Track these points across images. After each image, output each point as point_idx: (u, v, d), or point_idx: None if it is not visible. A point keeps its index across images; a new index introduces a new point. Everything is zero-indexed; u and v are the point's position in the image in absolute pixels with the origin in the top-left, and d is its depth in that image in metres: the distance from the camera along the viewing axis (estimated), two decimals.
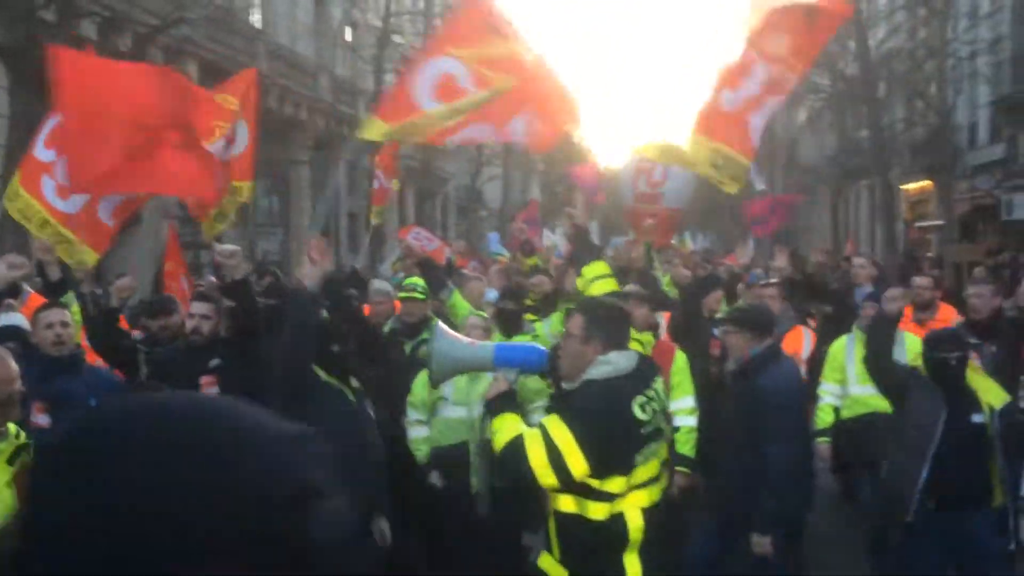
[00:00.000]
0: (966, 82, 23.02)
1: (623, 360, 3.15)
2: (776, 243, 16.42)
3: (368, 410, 4.61)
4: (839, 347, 6.07)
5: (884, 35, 26.84)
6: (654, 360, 3.55)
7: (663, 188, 11.98)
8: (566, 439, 2.96)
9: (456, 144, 6.12)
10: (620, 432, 3.04)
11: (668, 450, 3.44)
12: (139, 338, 5.79)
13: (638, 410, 3.08)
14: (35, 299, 5.32)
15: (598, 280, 3.70)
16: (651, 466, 3.14)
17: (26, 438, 2.96)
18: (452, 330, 3.54)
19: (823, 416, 5.99)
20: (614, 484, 3.03)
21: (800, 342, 6.35)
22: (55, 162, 5.78)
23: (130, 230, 14.90)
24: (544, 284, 6.96)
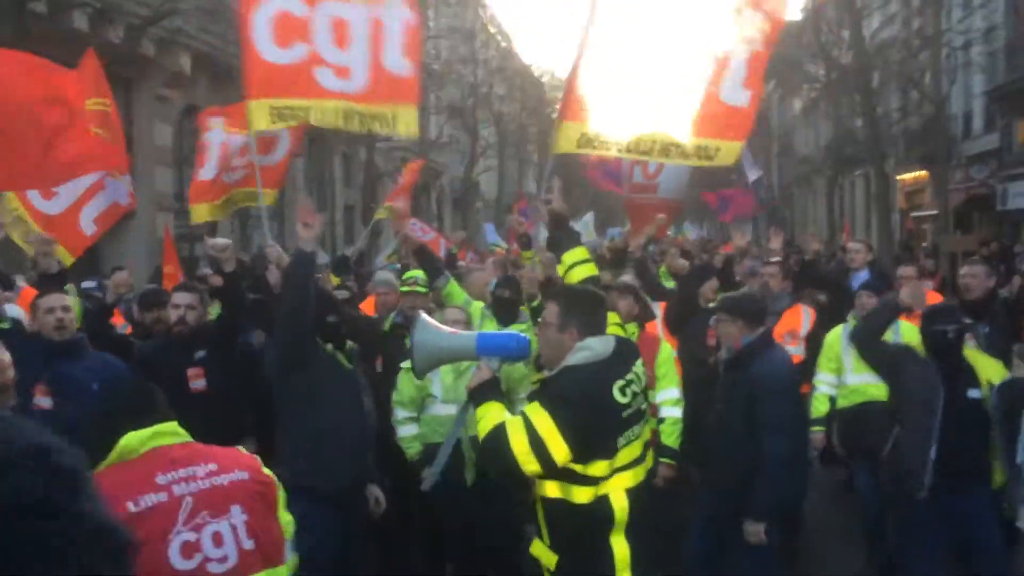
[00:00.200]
0: (960, 71, 23.01)
1: (600, 345, 3.17)
2: (772, 226, 16.46)
3: (362, 379, 4.67)
4: (835, 337, 6.06)
5: (879, 24, 26.82)
6: (634, 344, 3.52)
7: (659, 179, 11.97)
8: (547, 426, 2.98)
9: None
10: (601, 417, 3.07)
11: (653, 437, 3.46)
12: (125, 329, 5.80)
13: (618, 394, 3.11)
14: (29, 292, 5.30)
15: (577, 266, 3.68)
16: (634, 447, 3.16)
17: None
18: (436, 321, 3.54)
19: (818, 406, 5.98)
20: (597, 468, 3.06)
21: (799, 319, 6.36)
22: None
23: (125, 223, 14.86)
24: (536, 275, 6.98)
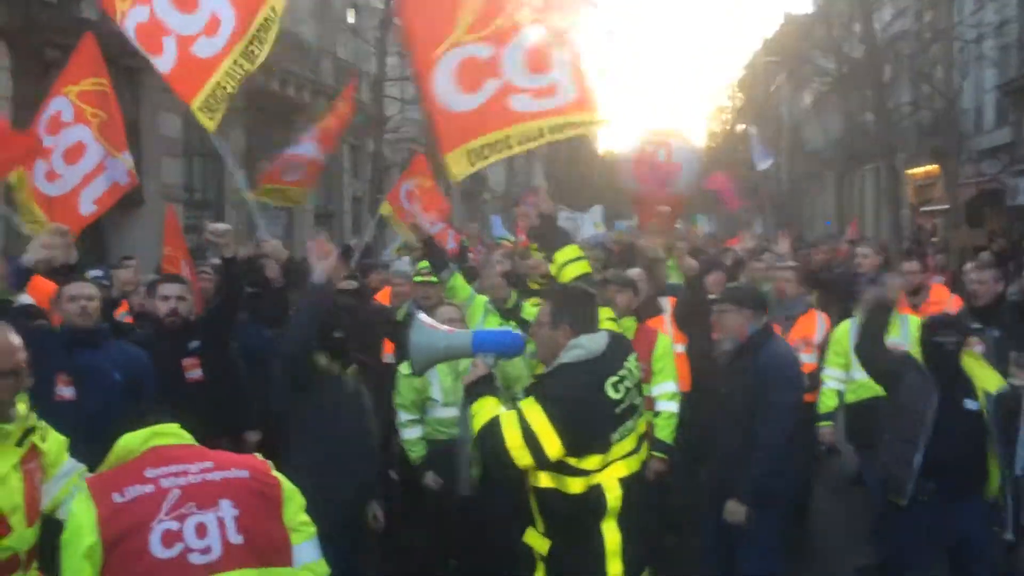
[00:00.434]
0: (972, 65, 22.86)
1: (593, 343, 3.22)
2: (779, 228, 16.40)
3: (364, 396, 4.64)
4: (843, 332, 6.04)
5: (890, 18, 26.67)
6: (627, 339, 3.54)
7: (666, 172, 11.93)
8: (541, 421, 3.04)
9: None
10: (594, 414, 3.12)
11: (648, 429, 3.50)
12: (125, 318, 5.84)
13: (611, 390, 3.16)
14: (39, 281, 5.31)
15: (569, 264, 3.71)
16: (628, 441, 3.21)
17: (36, 419, 2.94)
18: (431, 319, 3.57)
19: (826, 401, 5.97)
20: (591, 462, 3.11)
21: (813, 326, 6.30)
22: (52, 148, 5.79)
23: (133, 212, 14.89)
24: (541, 267, 7.01)
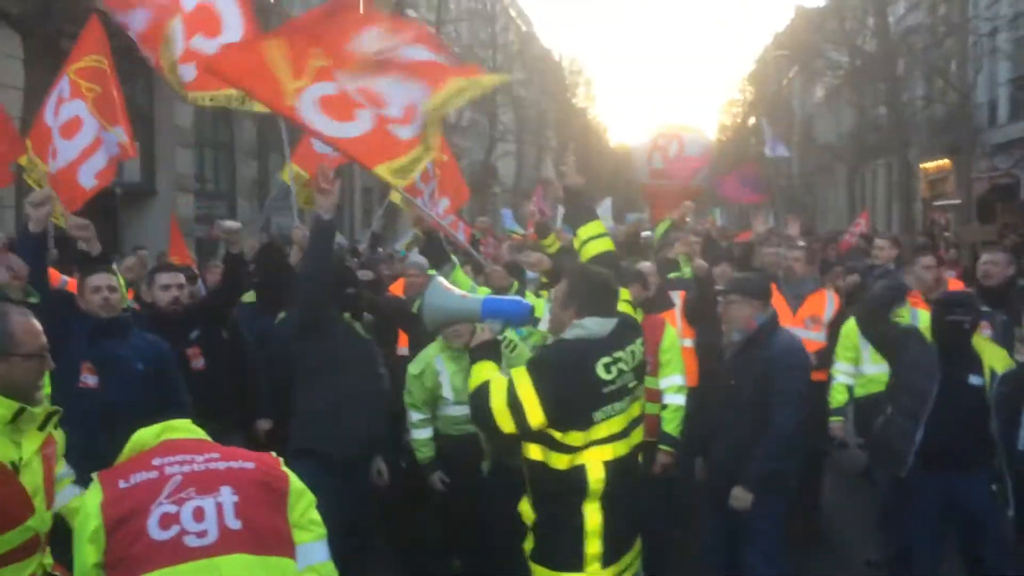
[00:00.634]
0: (986, 59, 22.71)
1: (596, 327, 3.27)
2: (790, 213, 16.35)
3: (375, 349, 4.74)
4: (853, 326, 6.02)
5: (904, 11, 26.51)
6: (638, 325, 3.54)
7: (679, 165, 11.91)
8: (527, 390, 3.13)
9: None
10: (579, 389, 3.17)
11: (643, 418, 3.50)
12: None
13: (601, 370, 3.20)
14: (51, 273, 5.35)
15: (592, 240, 3.72)
16: (614, 423, 3.23)
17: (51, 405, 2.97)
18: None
19: (836, 395, 5.97)
20: (573, 438, 3.17)
21: (823, 304, 6.30)
22: (52, 127, 5.84)
23: (146, 202, 14.97)
24: (543, 262, 7.00)
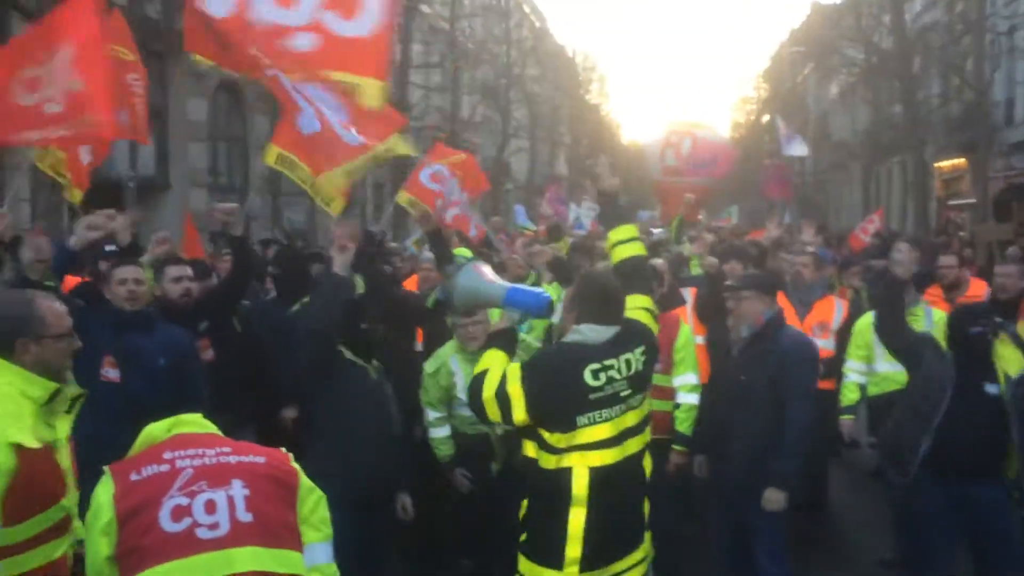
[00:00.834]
0: (1004, 57, 22.53)
1: (592, 334, 3.33)
2: (803, 217, 16.27)
3: (388, 388, 4.66)
4: (865, 324, 6.00)
5: (921, 8, 26.34)
6: (641, 334, 3.48)
7: (691, 163, 11.90)
8: (515, 385, 3.24)
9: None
10: (562, 392, 3.24)
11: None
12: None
13: (589, 376, 3.24)
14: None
15: (621, 244, 3.71)
16: (601, 429, 3.25)
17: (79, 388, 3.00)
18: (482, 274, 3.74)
19: (848, 394, 5.95)
20: (556, 439, 3.24)
21: (831, 311, 6.28)
22: None
23: (159, 196, 15.03)
24: (544, 255, 7.03)
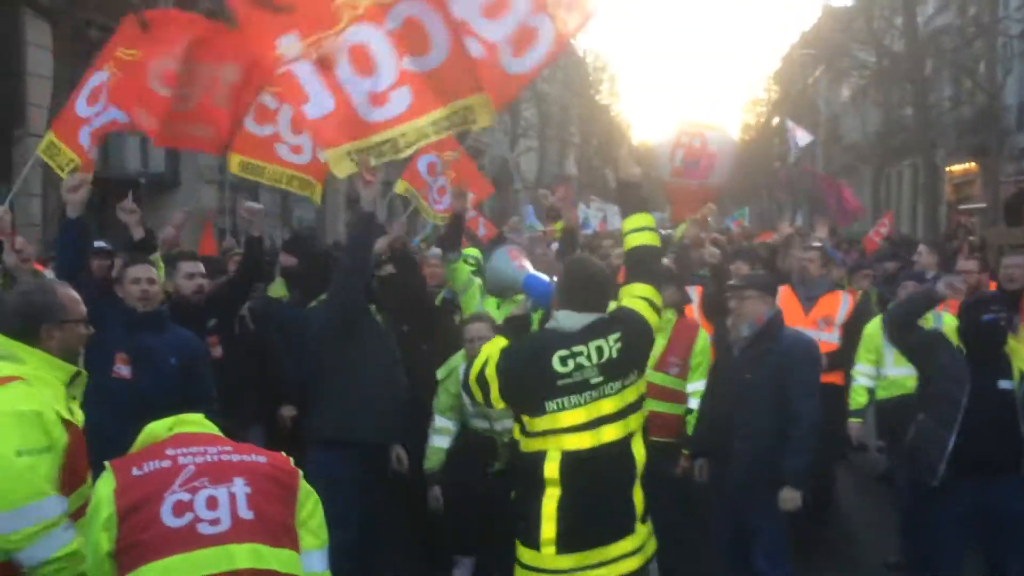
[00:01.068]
0: (1016, 61, 22.43)
1: (567, 321, 3.39)
2: (816, 215, 16.17)
3: (393, 340, 4.83)
4: (875, 328, 5.99)
5: (933, 11, 26.24)
6: (621, 322, 3.45)
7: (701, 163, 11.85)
8: (492, 368, 3.37)
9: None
10: (530, 377, 3.32)
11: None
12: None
13: (557, 362, 3.28)
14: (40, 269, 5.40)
15: (633, 232, 3.65)
16: (572, 415, 3.28)
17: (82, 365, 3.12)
18: (510, 260, 3.95)
19: (857, 397, 5.94)
20: (531, 423, 3.33)
21: (836, 306, 6.25)
22: (94, 116, 5.89)
23: (169, 194, 15.08)
24: (546, 255, 7.03)
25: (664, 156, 11.83)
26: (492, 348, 3.46)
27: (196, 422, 2.70)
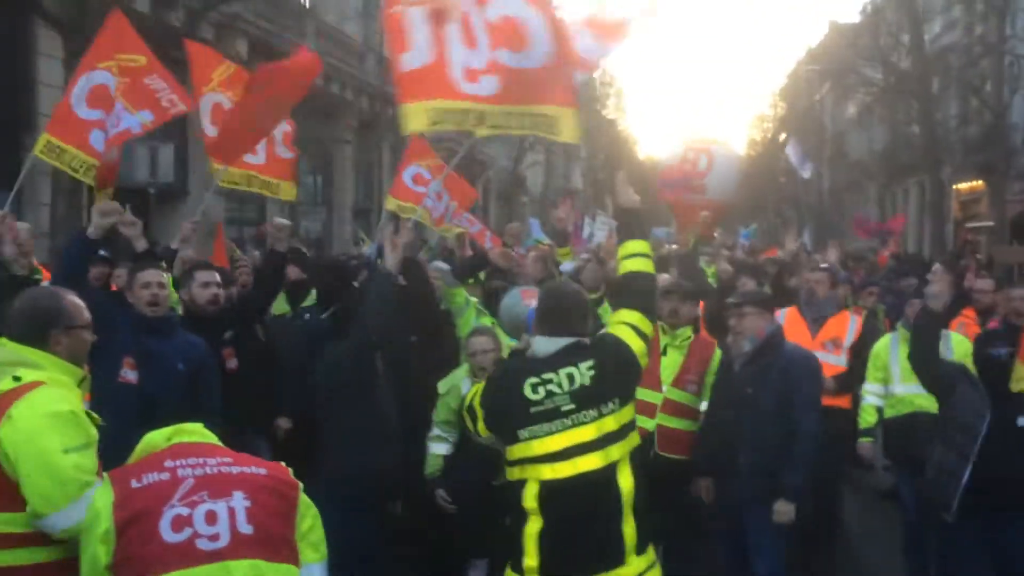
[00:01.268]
0: (1023, 80, 22.44)
1: (540, 346, 3.39)
2: (830, 237, 16.14)
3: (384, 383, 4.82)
4: (883, 346, 5.98)
5: (940, 30, 26.28)
6: (597, 348, 3.40)
7: (706, 180, 11.92)
8: (477, 399, 3.42)
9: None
10: (503, 404, 3.32)
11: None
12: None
13: (528, 390, 3.25)
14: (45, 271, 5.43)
15: (628, 258, 3.61)
16: (547, 442, 3.21)
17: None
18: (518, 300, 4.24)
19: (866, 417, 5.90)
20: (510, 451, 3.30)
21: (844, 327, 6.23)
22: (104, 119, 5.94)
23: (177, 203, 15.11)
24: (506, 255, 7.02)
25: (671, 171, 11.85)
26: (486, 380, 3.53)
27: (195, 431, 2.70)
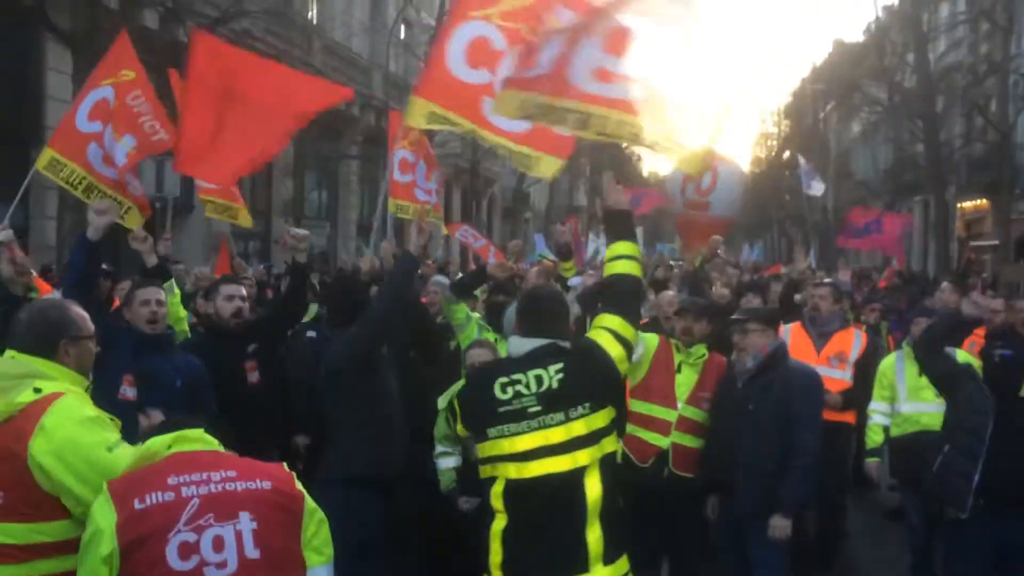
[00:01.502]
0: None
1: (515, 346, 3.45)
2: (840, 258, 16.15)
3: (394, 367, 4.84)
4: (888, 365, 5.96)
5: (945, 49, 26.37)
6: (579, 353, 3.39)
7: (711, 196, 11.85)
8: (456, 399, 3.50)
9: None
10: (475, 403, 3.40)
11: None
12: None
13: (497, 389, 3.29)
14: (40, 284, 5.44)
15: (614, 260, 3.58)
16: (515, 442, 3.22)
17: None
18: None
19: (873, 436, 5.88)
20: (479, 448, 3.36)
21: (849, 343, 6.22)
22: (102, 132, 5.99)
23: (183, 219, 15.17)
24: (503, 266, 7.01)
25: (675, 188, 11.85)
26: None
27: (197, 438, 2.68)
